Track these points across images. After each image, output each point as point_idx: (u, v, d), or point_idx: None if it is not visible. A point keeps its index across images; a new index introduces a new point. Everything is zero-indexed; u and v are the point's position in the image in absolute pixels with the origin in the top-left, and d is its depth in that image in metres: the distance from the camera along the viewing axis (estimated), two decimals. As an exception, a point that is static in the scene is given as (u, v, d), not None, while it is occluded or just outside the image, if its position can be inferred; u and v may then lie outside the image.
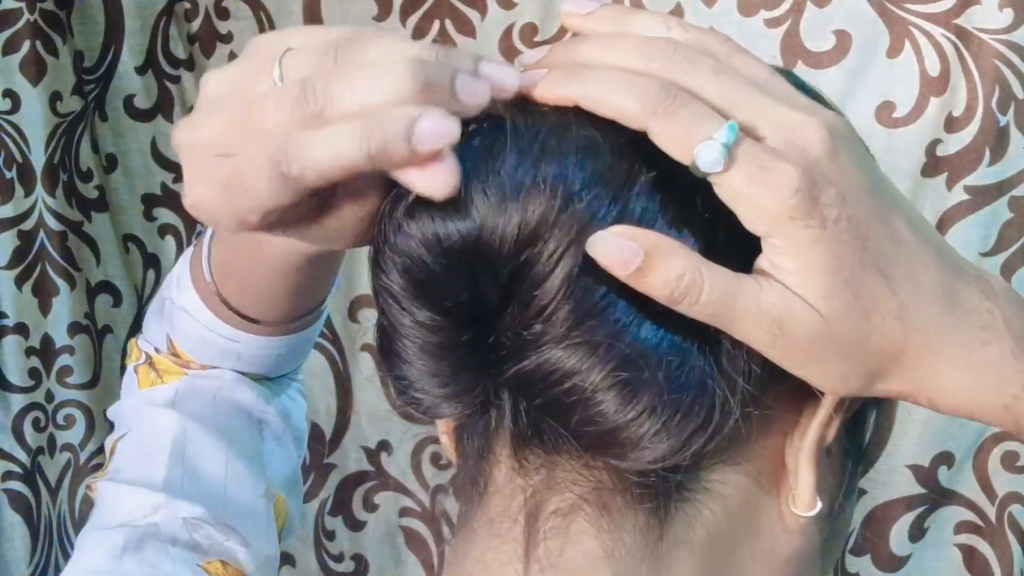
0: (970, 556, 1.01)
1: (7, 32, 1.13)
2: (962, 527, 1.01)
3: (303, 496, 1.21)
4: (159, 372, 0.59)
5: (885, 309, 0.34)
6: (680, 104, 0.33)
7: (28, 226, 1.16)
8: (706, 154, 0.33)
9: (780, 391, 0.37)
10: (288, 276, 0.52)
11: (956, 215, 0.96)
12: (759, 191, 0.32)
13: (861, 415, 0.41)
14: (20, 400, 1.18)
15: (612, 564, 0.37)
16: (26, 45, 1.13)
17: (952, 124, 0.94)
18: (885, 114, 0.95)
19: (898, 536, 1.01)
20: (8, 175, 1.14)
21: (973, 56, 0.92)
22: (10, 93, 1.14)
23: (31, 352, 1.19)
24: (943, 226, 0.96)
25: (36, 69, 1.14)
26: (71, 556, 0.55)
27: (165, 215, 1.22)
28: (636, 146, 0.34)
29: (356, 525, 1.21)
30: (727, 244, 0.35)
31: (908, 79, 0.94)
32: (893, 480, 1.00)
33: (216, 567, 0.53)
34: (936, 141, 0.94)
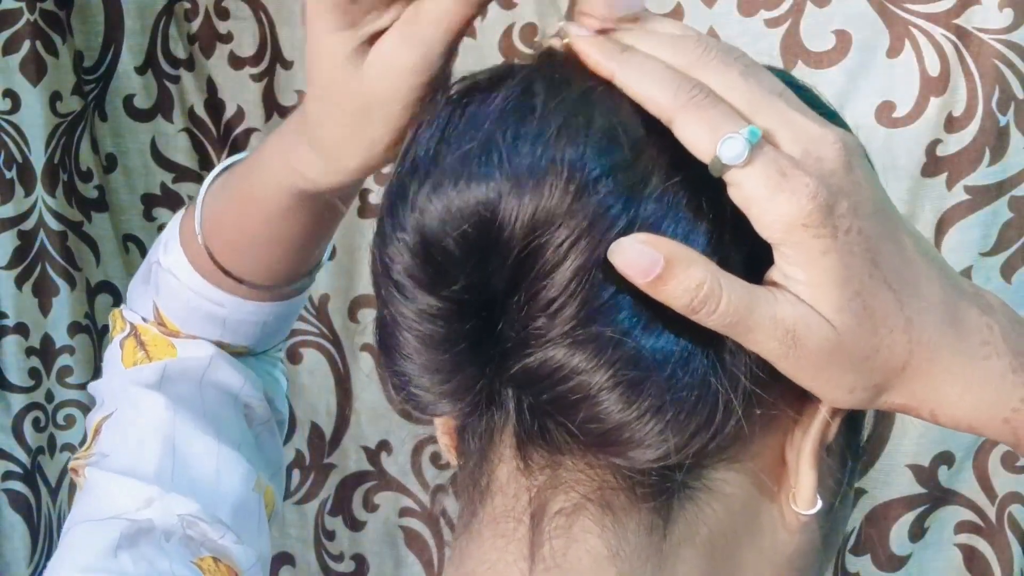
0: (970, 556, 1.01)
1: (7, 32, 1.13)
2: (962, 527, 1.01)
3: (303, 496, 1.21)
4: (145, 346, 0.58)
5: (892, 323, 0.35)
6: (709, 103, 0.34)
7: (28, 226, 1.16)
8: (729, 147, 0.33)
9: (782, 390, 0.37)
10: (283, 226, 0.52)
11: (956, 215, 0.96)
12: (776, 195, 0.33)
13: (860, 413, 0.42)
14: (20, 400, 1.18)
15: (617, 563, 0.37)
16: (26, 45, 1.13)
17: (952, 124, 0.94)
18: (885, 114, 0.95)
19: (898, 536, 1.01)
20: (8, 175, 1.14)
21: (973, 56, 0.92)
22: (10, 93, 1.14)
23: (31, 352, 1.19)
24: (943, 226, 0.96)
25: (36, 69, 1.14)
26: (57, 547, 0.54)
27: (165, 215, 1.22)
28: (652, 143, 0.35)
29: (356, 525, 1.21)
30: (733, 254, 0.35)
31: (908, 79, 0.94)
32: (893, 480, 1.00)
33: (208, 563, 0.53)
34: (936, 141, 0.94)
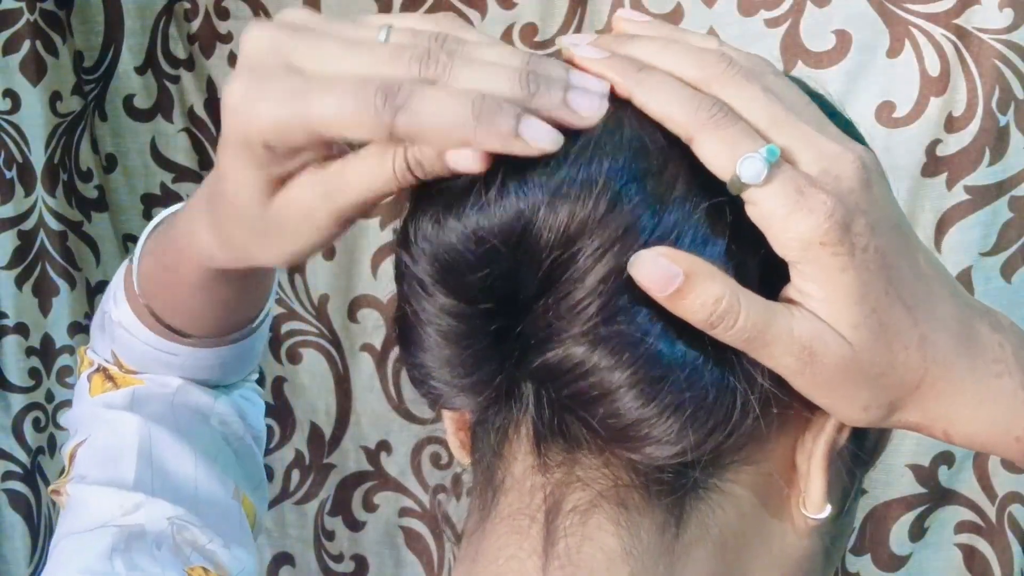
0: (970, 556, 1.01)
1: (7, 32, 1.13)
2: (962, 527, 1.01)
3: (303, 496, 1.21)
4: (113, 379, 0.59)
5: (907, 340, 0.35)
6: (728, 121, 0.34)
7: (28, 226, 1.16)
8: (748, 166, 0.33)
9: (795, 393, 0.37)
10: (208, 293, 0.51)
11: (956, 215, 0.95)
12: (793, 213, 0.33)
13: None
14: (20, 400, 1.18)
15: (630, 561, 0.37)
16: (26, 45, 1.13)
17: (952, 124, 0.94)
18: (885, 114, 0.95)
19: (898, 536, 1.01)
20: (8, 175, 1.14)
21: (973, 56, 0.92)
22: (10, 93, 1.14)
23: (31, 352, 1.19)
24: (943, 226, 0.96)
25: (36, 69, 1.14)
26: (46, 564, 0.53)
27: (165, 215, 1.22)
28: (677, 156, 0.35)
29: (356, 525, 1.21)
30: (751, 270, 0.36)
31: (908, 79, 0.94)
32: (893, 480, 1.00)
33: (199, 573, 0.52)
34: (936, 141, 0.94)
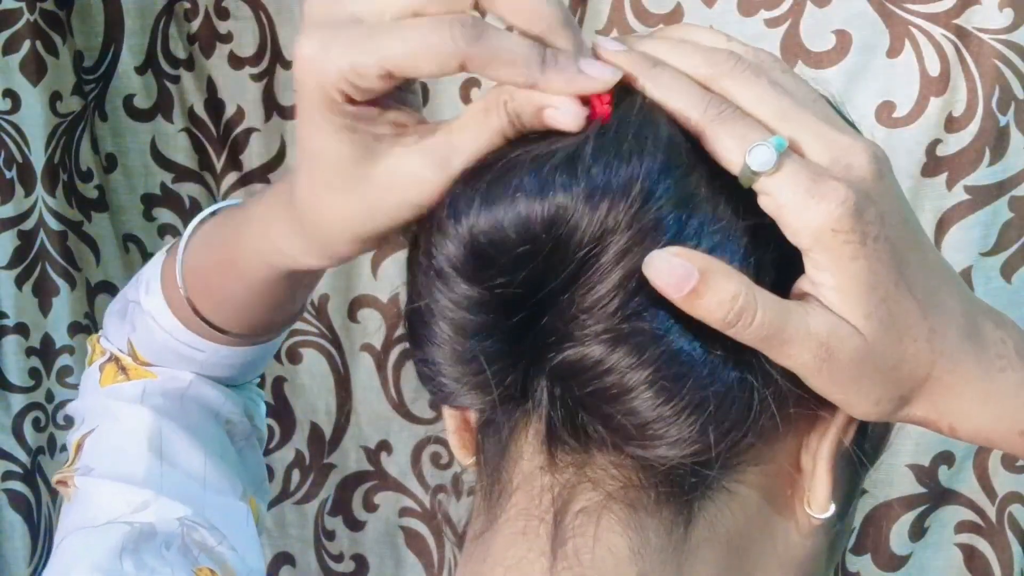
0: (970, 555, 1.01)
1: (7, 32, 1.13)
2: (962, 526, 1.01)
3: (303, 496, 1.21)
4: (125, 370, 0.58)
5: (917, 332, 0.35)
6: (737, 116, 0.35)
7: (28, 226, 1.16)
8: (758, 155, 0.34)
9: (810, 390, 0.37)
10: (264, 293, 0.51)
11: (956, 215, 0.95)
12: (806, 200, 0.33)
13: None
14: (20, 400, 1.18)
15: (638, 562, 0.37)
16: (26, 45, 1.13)
17: (952, 124, 0.94)
18: (885, 114, 0.95)
19: (898, 535, 1.01)
20: (8, 175, 1.14)
21: (973, 56, 0.92)
22: (10, 93, 1.14)
23: (31, 352, 1.19)
24: (943, 226, 0.96)
25: (36, 69, 1.14)
26: (50, 558, 0.53)
27: (165, 215, 1.22)
28: (700, 157, 0.36)
29: (356, 525, 1.21)
30: (767, 270, 0.36)
31: (908, 79, 0.94)
32: (893, 480, 1.00)
33: (206, 575, 0.52)
34: (936, 141, 0.94)
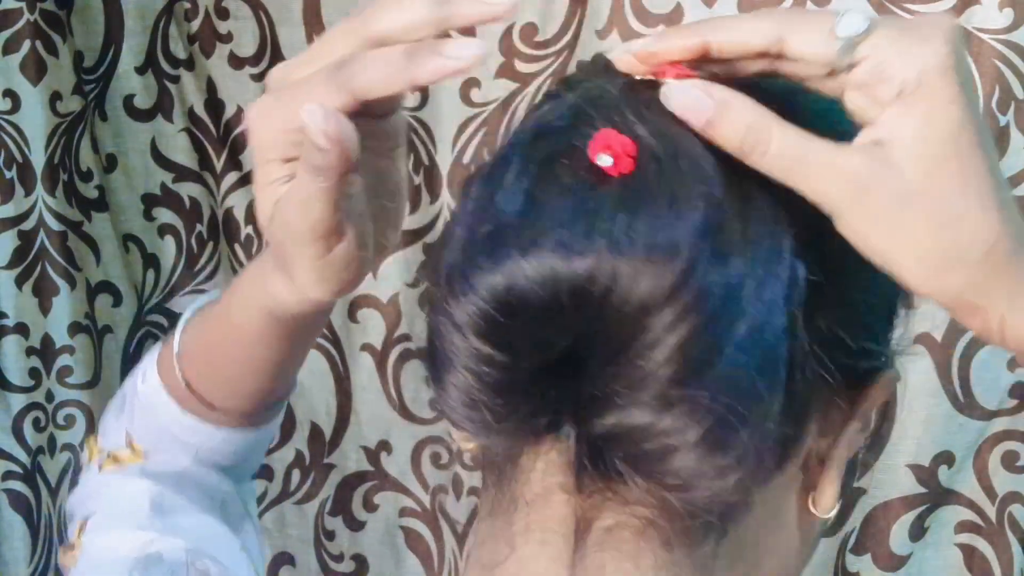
0: (970, 556, 1.01)
1: (7, 32, 1.12)
2: (962, 527, 1.01)
3: (303, 496, 1.21)
4: (122, 463, 0.59)
5: (986, 196, 0.34)
6: (808, 14, 0.35)
7: (28, 226, 1.16)
8: (847, 22, 0.33)
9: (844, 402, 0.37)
10: (258, 346, 0.51)
11: (956, 215, 0.95)
12: (910, 47, 0.33)
13: (881, 425, 0.42)
14: (20, 400, 1.18)
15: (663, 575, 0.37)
16: (26, 45, 1.13)
17: (952, 124, 0.94)
18: (885, 114, 0.95)
19: (898, 535, 1.01)
20: (8, 175, 1.14)
21: (973, 56, 0.92)
22: (10, 93, 1.13)
23: (31, 352, 1.18)
24: (943, 226, 0.96)
25: (36, 69, 1.13)
26: None
27: (165, 215, 1.22)
28: (740, 203, 0.34)
29: (356, 525, 1.21)
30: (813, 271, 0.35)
31: (908, 79, 0.94)
32: (893, 480, 1.00)
33: None
34: (936, 141, 0.94)
